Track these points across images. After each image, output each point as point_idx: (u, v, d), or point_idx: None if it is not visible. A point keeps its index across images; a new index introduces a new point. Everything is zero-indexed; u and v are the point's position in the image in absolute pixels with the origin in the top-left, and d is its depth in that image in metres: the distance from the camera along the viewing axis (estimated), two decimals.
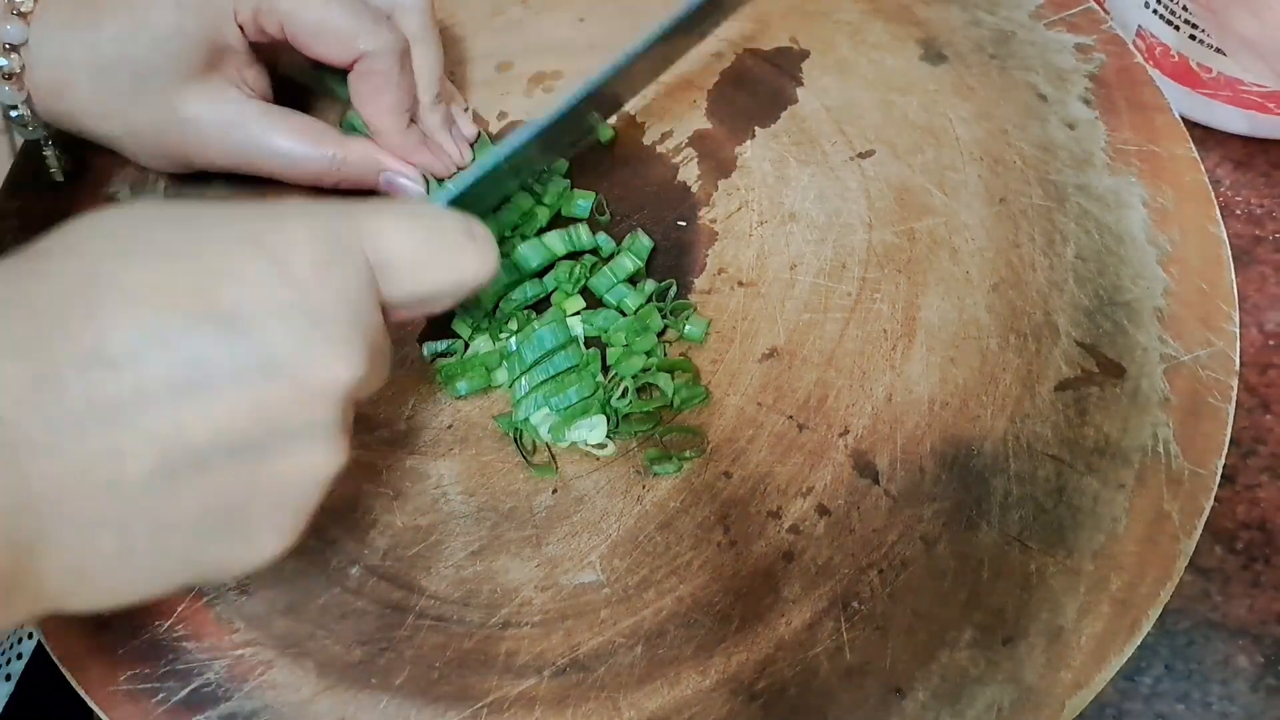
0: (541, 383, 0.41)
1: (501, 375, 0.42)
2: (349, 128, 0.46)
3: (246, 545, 0.28)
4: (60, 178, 0.48)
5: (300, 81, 0.48)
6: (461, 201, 0.39)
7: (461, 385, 0.42)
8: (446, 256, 0.32)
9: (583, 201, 0.46)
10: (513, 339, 0.42)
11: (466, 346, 0.43)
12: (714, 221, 0.45)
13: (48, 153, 0.46)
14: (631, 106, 0.49)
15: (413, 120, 0.45)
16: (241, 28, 0.42)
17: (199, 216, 0.28)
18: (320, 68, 0.44)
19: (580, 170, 0.47)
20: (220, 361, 0.26)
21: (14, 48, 0.41)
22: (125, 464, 0.25)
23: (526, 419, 0.40)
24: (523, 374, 0.41)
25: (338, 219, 0.29)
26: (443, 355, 0.43)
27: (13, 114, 0.43)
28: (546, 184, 0.46)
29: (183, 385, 0.25)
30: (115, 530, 0.26)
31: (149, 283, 0.26)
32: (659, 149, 0.48)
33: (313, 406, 0.27)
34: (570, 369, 0.41)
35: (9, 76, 0.41)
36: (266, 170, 0.44)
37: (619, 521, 0.38)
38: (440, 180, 0.46)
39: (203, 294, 0.26)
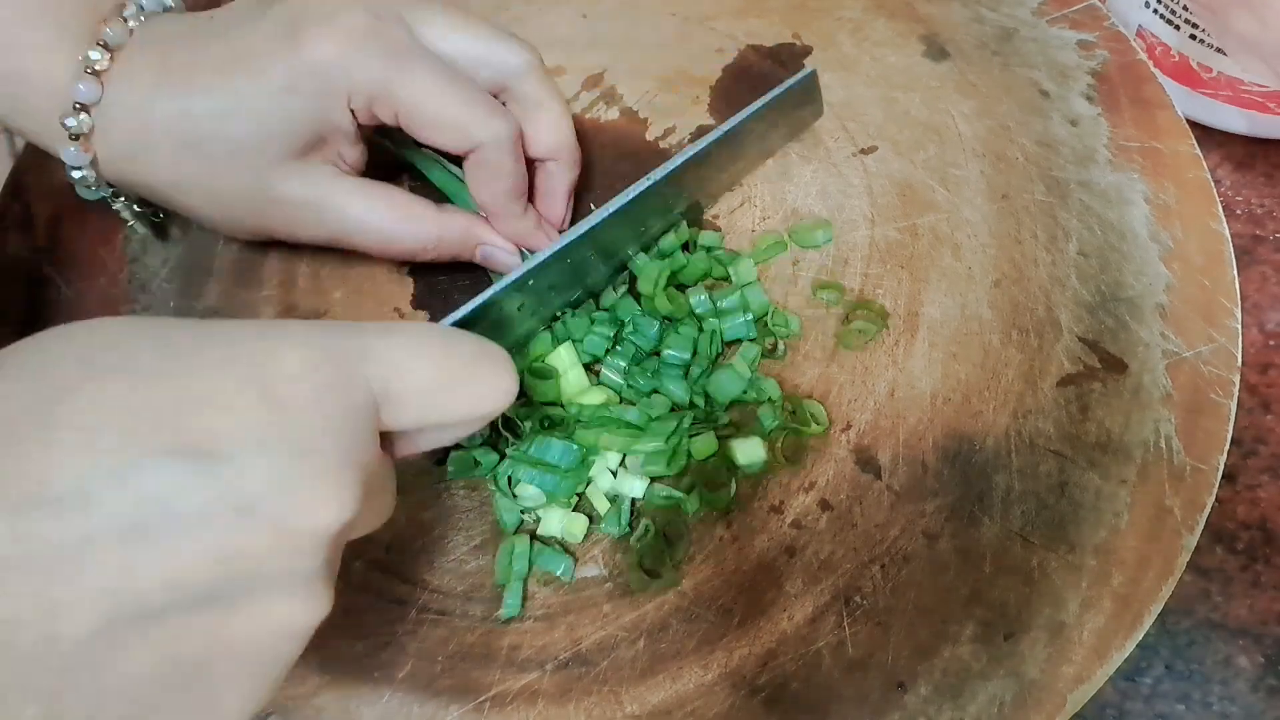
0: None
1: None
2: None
3: (205, 713, 0.24)
4: (142, 230, 0.45)
5: (408, 162, 0.47)
6: (478, 325, 0.37)
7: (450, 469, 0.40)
8: (461, 384, 0.29)
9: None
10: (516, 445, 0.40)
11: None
12: (717, 217, 0.45)
13: (120, 209, 0.44)
14: (634, 102, 0.49)
15: (530, 200, 0.43)
16: (353, 112, 0.39)
17: (184, 335, 0.25)
18: (426, 151, 0.43)
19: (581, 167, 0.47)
20: (186, 500, 0.22)
21: (84, 107, 0.38)
22: (59, 623, 0.21)
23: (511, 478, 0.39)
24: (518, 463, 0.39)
25: (341, 341, 0.26)
26: None
27: (75, 174, 0.40)
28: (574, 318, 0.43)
29: (138, 529, 0.22)
30: (42, 702, 0.22)
31: (114, 409, 0.23)
32: (662, 144, 0.48)
33: (291, 553, 0.24)
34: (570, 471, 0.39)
35: (76, 138, 0.39)
36: (359, 247, 0.42)
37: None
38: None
39: (175, 423, 0.23)
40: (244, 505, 0.23)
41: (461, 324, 0.36)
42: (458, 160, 0.43)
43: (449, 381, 0.28)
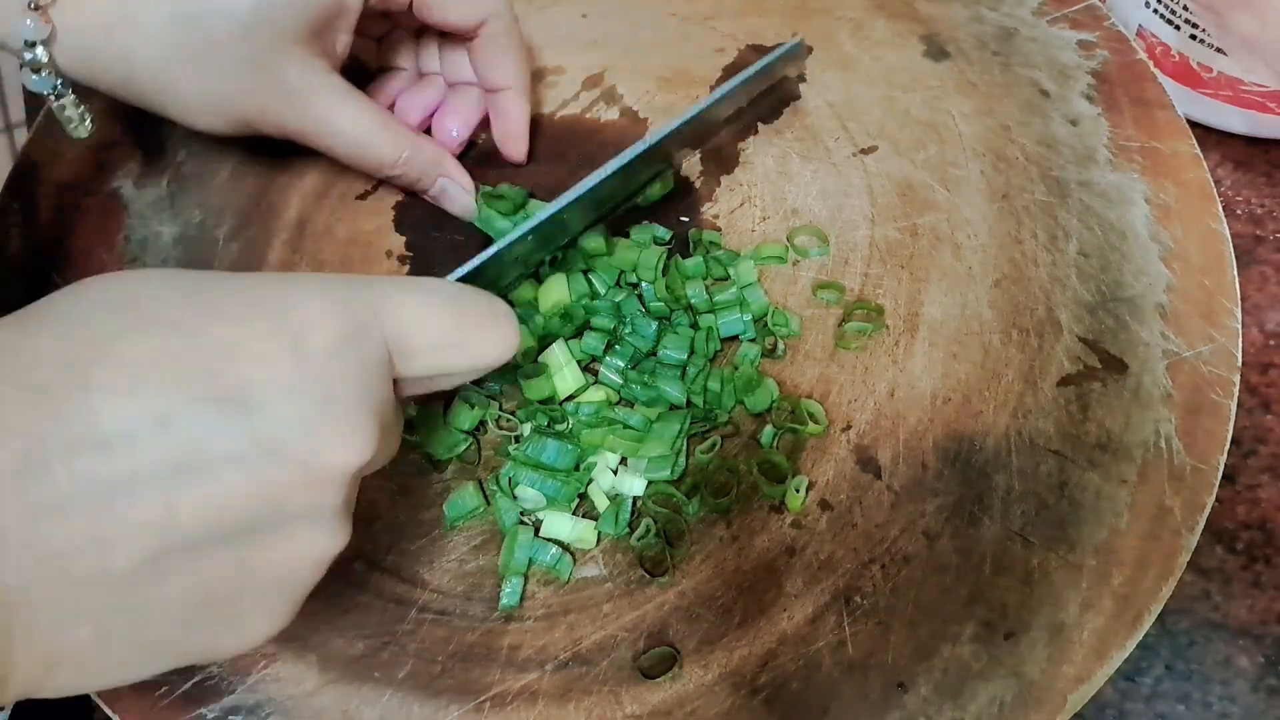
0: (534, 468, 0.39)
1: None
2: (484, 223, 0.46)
3: (235, 630, 0.27)
4: (85, 133, 0.42)
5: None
6: (479, 279, 0.38)
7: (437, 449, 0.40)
8: (470, 336, 0.30)
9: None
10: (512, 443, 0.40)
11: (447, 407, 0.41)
12: (717, 217, 0.45)
13: (65, 105, 0.41)
14: (634, 102, 0.49)
15: None
16: None
17: (210, 287, 0.27)
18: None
19: (580, 166, 0.47)
20: (221, 443, 0.24)
21: None
22: (111, 554, 0.23)
23: (511, 479, 0.39)
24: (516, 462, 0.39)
25: (358, 294, 0.28)
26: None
27: (25, 55, 0.37)
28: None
29: (179, 468, 0.24)
30: (94, 622, 0.24)
31: (150, 359, 0.24)
32: None
33: (316, 490, 0.26)
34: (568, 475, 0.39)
35: (36, 8, 0.36)
36: (331, 149, 0.43)
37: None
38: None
39: (207, 371, 0.25)
40: (274, 447, 0.25)
41: (466, 278, 0.38)
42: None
43: (455, 335, 0.30)
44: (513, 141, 0.47)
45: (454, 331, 0.30)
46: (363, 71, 0.48)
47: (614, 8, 0.52)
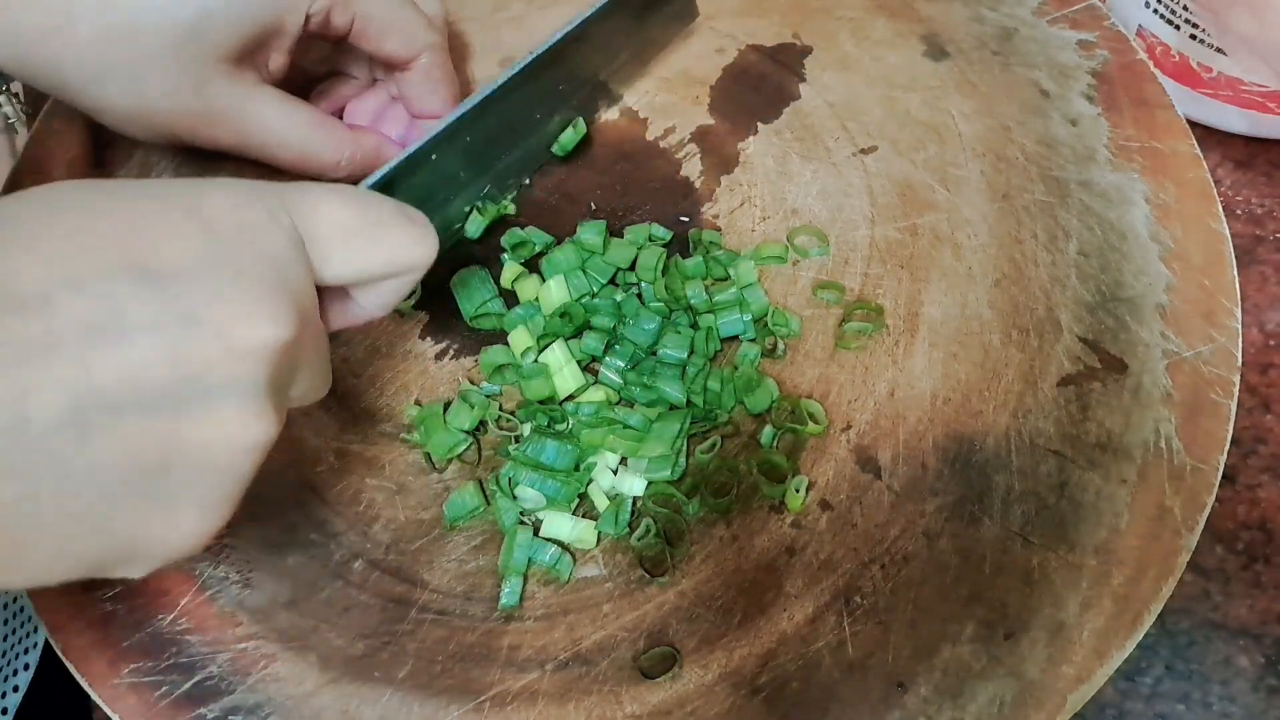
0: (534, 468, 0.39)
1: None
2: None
3: (166, 518, 0.27)
4: (19, 131, 0.44)
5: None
6: (400, 191, 0.38)
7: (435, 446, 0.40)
8: (381, 234, 0.31)
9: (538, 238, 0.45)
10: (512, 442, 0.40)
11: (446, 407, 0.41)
12: (717, 217, 0.45)
13: (1, 103, 0.43)
14: (634, 102, 0.49)
15: None
16: (308, 18, 0.41)
17: (128, 185, 0.28)
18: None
19: (581, 166, 0.47)
20: (137, 310, 0.25)
21: None
22: (29, 406, 0.24)
23: (511, 479, 0.39)
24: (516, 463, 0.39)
25: (268, 190, 0.29)
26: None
27: None
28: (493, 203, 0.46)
29: (95, 330, 0.24)
30: (18, 478, 0.24)
31: (66, 235, 0.25)
32: (661, 144, 0.48)
33: (236, 363, 0.26)
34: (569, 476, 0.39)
35: None
36: (272, 158, 0.44)
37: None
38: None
39: (122, 245, 0.26)
40: (189, 316, 0.25)
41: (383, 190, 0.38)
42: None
43: (368, 229, 0.31)
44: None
45: (366, 226, 0.30)
46: (312, 76, 0.49)
47: None
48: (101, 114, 0.42)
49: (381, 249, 0.31)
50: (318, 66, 0.49)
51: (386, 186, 0.39)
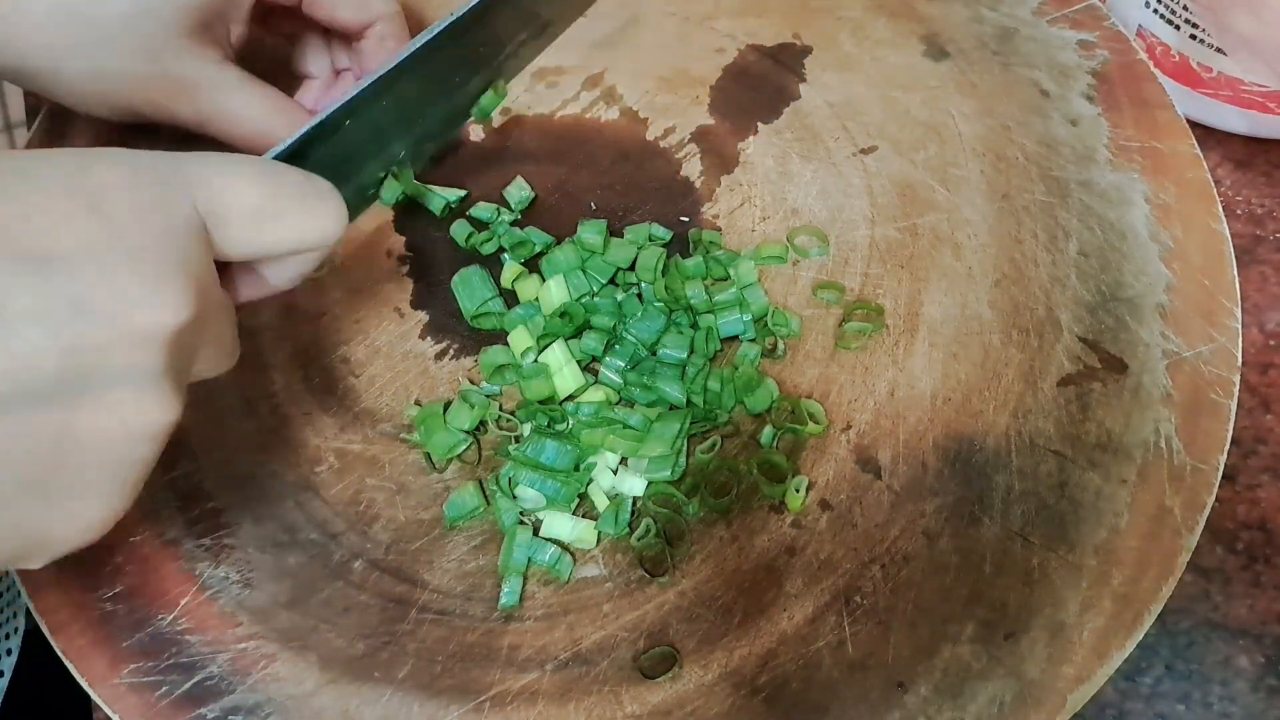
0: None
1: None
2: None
3: (67, 509, 0.26)
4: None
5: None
6: (308, 161, 0.37)
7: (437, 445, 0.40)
8: (287, 212, 0.30)
9: (442, 196, 0.45)
10: (513, 442, 0.40)
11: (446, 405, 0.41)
12: (717, 217, 0.45)
13: None
14: (634, 102, 0.49)
15: None
16: None
17: (12, 159, 0.26)
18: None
19: (581, 166, 0.47)
20: (21, 300, 0.24)
21: None
22: None
23: (511, 479, 0.39)
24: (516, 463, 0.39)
25: (163, 164, 0.28)
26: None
27: None
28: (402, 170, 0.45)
29: None
30: None
31: None
32: (661, 144, 0.48)
33: (132, 350, 0.25)
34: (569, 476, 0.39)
35: None
36: (229, 137, 0.43)
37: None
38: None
39: (6, 233, 0.24)
40: (79, 304, 0.24)
41: (291, 160, 0.36)
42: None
43: (273, 206, 0.29)
44: None
45: (270, 202, 0.29)
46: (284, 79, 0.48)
47: (614, 8, 0.52)
48: (61, 94, 0.41)
49: (287, 227, 0.30)
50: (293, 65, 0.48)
51: (298, 153, 0.37)
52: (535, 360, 0.41)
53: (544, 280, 0.43)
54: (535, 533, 0.38)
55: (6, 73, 0.41)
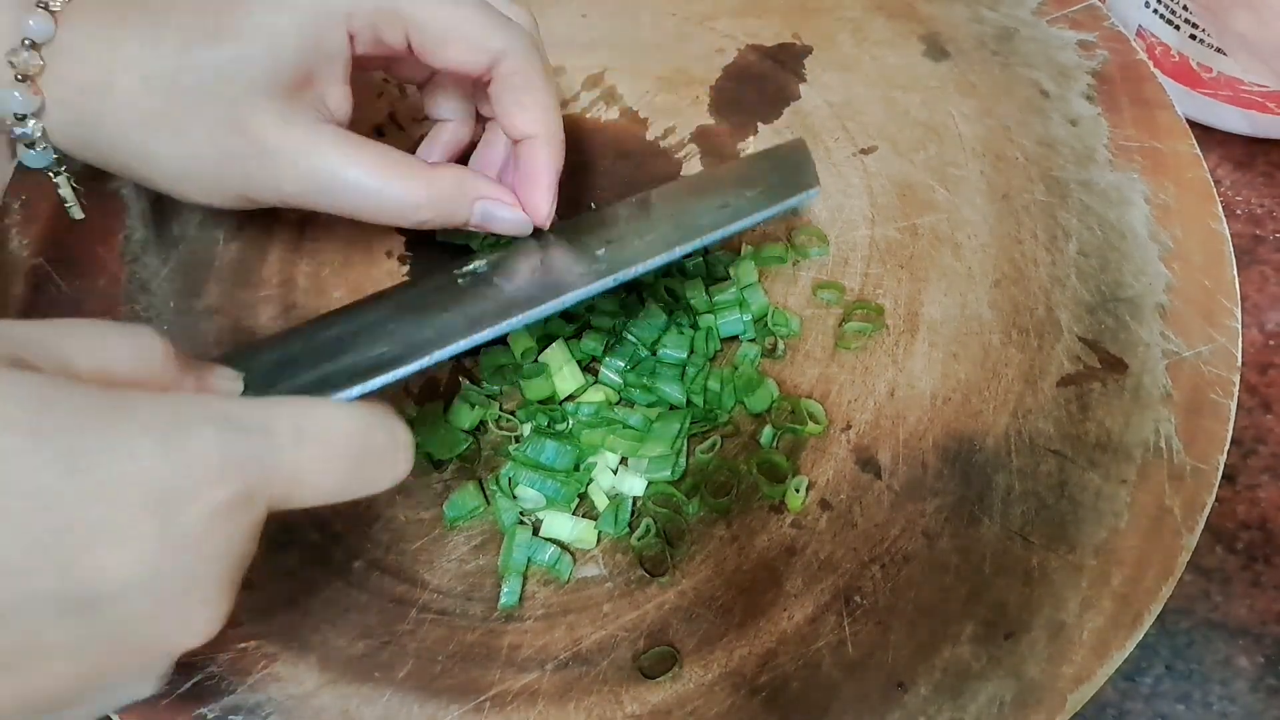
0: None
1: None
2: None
3: None
4: (79, 214, 0.42)
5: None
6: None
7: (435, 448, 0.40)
8: (363, 472, 0.28)
9: None
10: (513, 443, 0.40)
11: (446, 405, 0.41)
12: None
13: (60, 184, 0.40)
14: (634, 102, 0.49)
15: None
16: (351, 37, 0.37)
17: (86, 429, 0.24)
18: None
19: (581, 166, 0.47)
20: (57, 636, 0.23)
21: (34, 45, 0.34)
22: None
23: (512, 479, 0.39)
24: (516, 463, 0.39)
25: (254, 450, 0.26)
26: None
27: (17, 131, 0.36)
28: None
29: (5, 661, 0.23)
30: None
31: (4, 541, 0.23)
32: (662, 144, 0.48)
33: (146, 668, 0.26)
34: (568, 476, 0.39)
35: (24, 79, 0.35)
36: (342, 207, 0.38)
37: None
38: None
39: (63, 560, 0.23)
40: (114, 636, 0.24)
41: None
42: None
43: (352, 487, 0.28)
44: (533, 197, 0.39)
45: (349, 482, 0.28)
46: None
47: (614, 8, 0.52)
48: (155, 178, 0.38)
49: (355, 492, 0.28)
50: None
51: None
52: (535, 360, 0.41)
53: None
54: (535, 533, 0.38)
55: (102, 161, 0.38)
